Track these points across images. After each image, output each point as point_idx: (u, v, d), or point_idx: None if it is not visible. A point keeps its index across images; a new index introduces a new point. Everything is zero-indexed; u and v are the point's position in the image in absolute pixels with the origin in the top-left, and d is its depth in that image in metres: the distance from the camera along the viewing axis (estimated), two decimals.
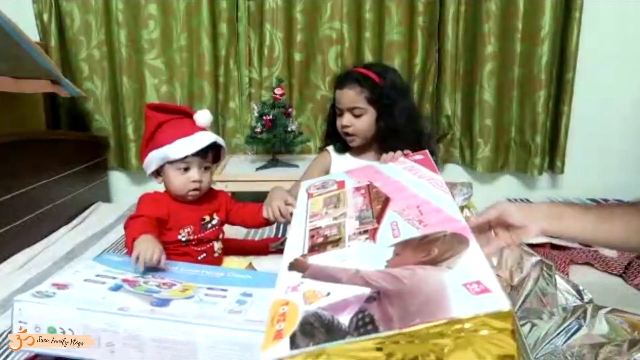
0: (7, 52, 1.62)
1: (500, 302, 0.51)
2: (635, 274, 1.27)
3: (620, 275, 1.29)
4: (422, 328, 0.51)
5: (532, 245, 1.41)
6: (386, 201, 0.85)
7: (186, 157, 1.13)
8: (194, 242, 1.17)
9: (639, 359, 0.65)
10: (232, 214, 1.27)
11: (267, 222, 1.24)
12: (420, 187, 0.88)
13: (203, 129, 1.17)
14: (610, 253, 1.38)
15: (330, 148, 1.44)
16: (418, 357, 0.53)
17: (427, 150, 1.11)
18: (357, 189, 0.96)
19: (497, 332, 0.51)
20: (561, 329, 0.86)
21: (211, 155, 1.20)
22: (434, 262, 0.62)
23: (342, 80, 1.31)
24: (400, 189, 0.90)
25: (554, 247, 1.41)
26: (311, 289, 0.63)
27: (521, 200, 2.12)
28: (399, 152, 1.12)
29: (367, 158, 1.35)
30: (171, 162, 1.14)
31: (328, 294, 0.61)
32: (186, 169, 1.15)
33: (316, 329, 0.55)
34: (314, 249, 0.76)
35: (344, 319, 0.56)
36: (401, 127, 1.28)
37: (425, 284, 0.58)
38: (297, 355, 0.53)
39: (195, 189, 1.16)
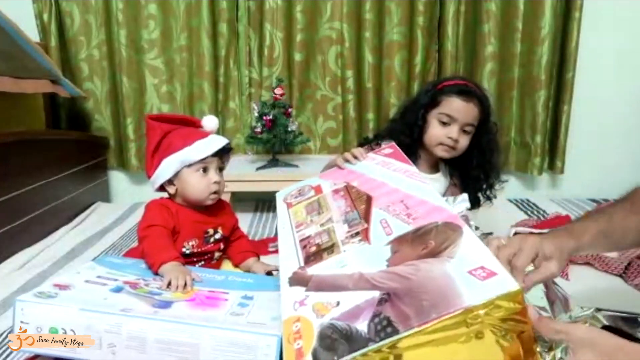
0: (7, 52, 1.61)
1: (508, 283, 0.52)
2: (635, 274, 1.27)
3: (620, 275, 1.29)
4: (440, 321, 0.51)
5: None
6: (369, 200, 0.83)
7: (206, 157, 1.12)
8: (195, 254, 1.15)
9: None
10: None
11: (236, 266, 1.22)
12: (398, 181, 0.86)
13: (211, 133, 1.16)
14: (610, 253, 1.38)
15: None
16: None
17: (394, 143, 1.07)
18: (336, 191, 0.93)
19: (510, 313, 0.51)
20: None
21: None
22: (434, 253, 0.62)
23: (465, 93, 1.23)
24: (379, 186, 0.88)
25: None
26: (319, 301, 0.62)
27: (522, 200, 2.12)
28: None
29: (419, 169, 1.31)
30: (189, 166, 1.12)
31: (338, 303, 0.60)
32: (205, 170, 1.13)
33: (336, 340, 0.54)
34: (310, 259, 0.74)
35: (361, 325, 0.55)
36: (491, 153, 1.30)
37: (432, 278, 0.58)
38: None
39: (215, 192, 1.15)
